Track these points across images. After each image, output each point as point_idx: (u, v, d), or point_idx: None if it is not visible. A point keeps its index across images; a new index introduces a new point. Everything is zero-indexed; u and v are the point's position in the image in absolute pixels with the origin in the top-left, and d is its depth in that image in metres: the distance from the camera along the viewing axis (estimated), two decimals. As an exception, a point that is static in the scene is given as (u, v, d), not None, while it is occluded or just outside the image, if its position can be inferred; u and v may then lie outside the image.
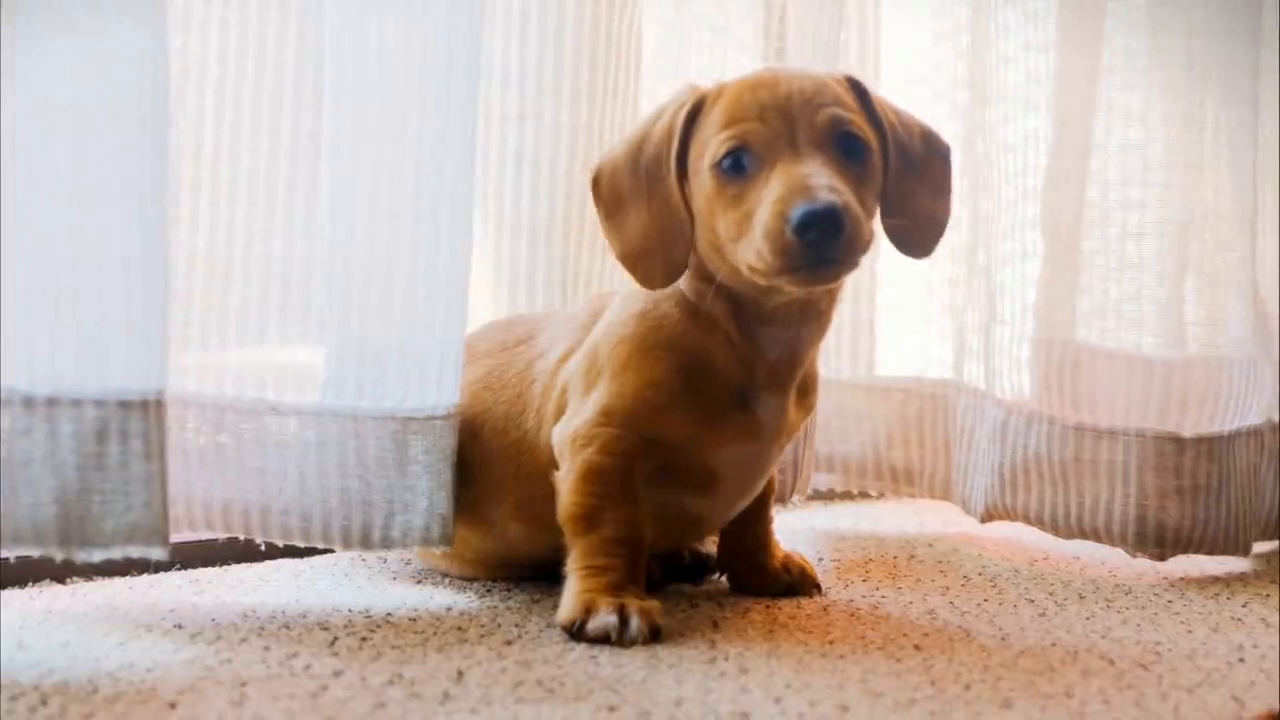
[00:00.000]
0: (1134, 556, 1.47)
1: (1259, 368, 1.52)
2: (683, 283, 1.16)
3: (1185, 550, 1.45)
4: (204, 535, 1.27)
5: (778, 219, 1.03)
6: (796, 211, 1.02)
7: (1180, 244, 1.50)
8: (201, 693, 0.94)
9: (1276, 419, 1.55)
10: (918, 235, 1.17)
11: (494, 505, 1.24)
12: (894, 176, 1.15)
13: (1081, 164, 1.50)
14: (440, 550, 1.24)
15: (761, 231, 1.05)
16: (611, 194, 1.16)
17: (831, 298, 1.17)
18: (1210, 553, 1.46)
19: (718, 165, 1.09)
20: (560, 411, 1.19)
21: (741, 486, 1.21)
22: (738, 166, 1.08)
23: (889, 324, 1.72)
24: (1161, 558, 1.46)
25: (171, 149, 1.19)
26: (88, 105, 1.02)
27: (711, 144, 1.10)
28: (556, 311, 1.35)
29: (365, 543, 1.20)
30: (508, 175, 1.44)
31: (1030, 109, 1.52)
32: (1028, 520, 1.50)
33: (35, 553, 1.02)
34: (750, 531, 1.29)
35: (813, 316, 1.16)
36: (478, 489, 1.23)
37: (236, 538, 1.27)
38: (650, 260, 1.14)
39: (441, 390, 1.21)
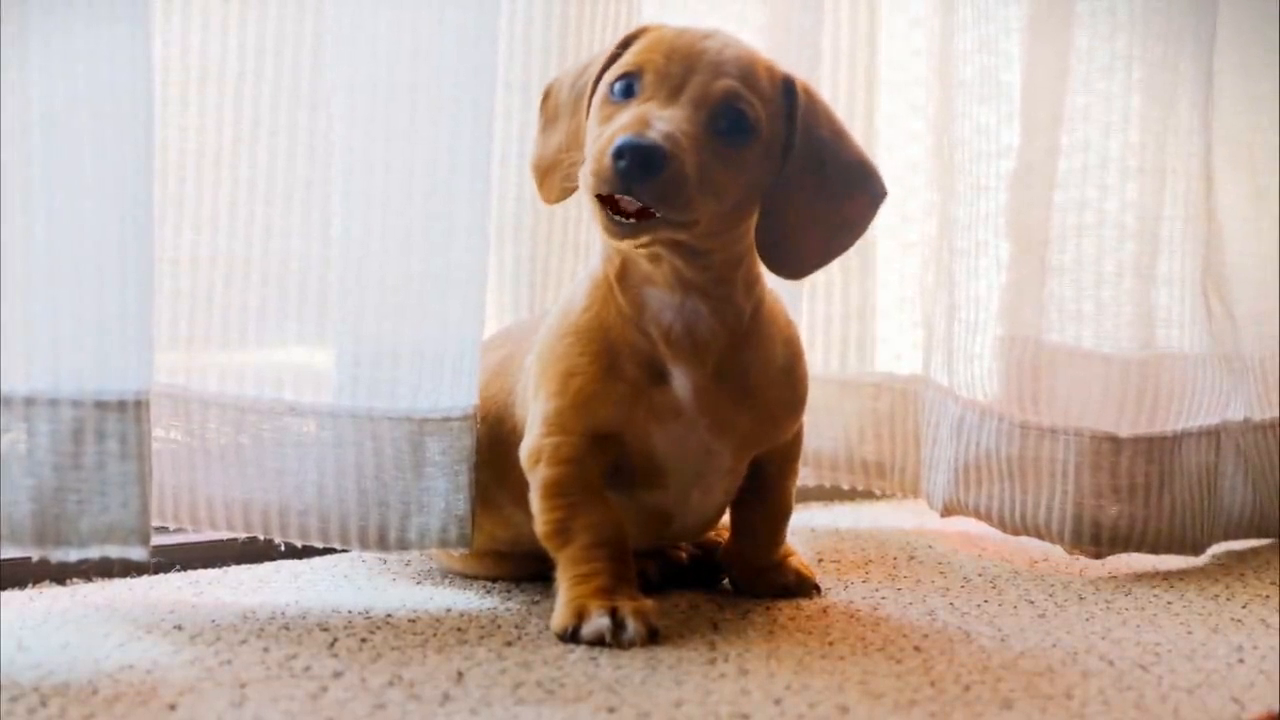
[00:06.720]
0: (1071, 554, 1.49)
1: (1212, 368, 1.52)
2: (598, 255, 1.17)
3: (1125, 549, 1.46)
4: (222, 535, 1.28)
5: (606, 142, 1.05)
6: (619, 139, 1.04)
7: (1143, 244, 1.50)
8: (201, 694, 0.94)
9: (1256, 418, 1.57)
10: (783, 253, 1.15)
11: (499, 489, 1.24)
12: (787, 182, 1.13)
13: (1050, 163, 1.51)
14: (459, 552, 1.24)
15: (592, 151, 1.07)
16: (551, 108, 1.20)
17: (713, 273, 1.14)
18: (1153, 551, 1.47)
19: (610, 85, 1.11)
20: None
21: (689, 476, 1.18)
22: (627, 91, 1.10)
23: (866, 322, 1.72)
24: (1098, 555, 1.47)
25: (175, 149, 1.21)
26: (65, 103, 1.02)
27: (615, 66, 1.12)
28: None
29: (382, 544, 1.21)
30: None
31: (1000, 114, 1.52)
32: (978, 515, 1.52)
33: (12, 552, 1.03)
34: (752, 538, 1.28)
35: (696, 289, 1.14)
36: (486, 473, 1.23)
37: (236, 538, 1.28)
38: (552, 174, 1.18)
39: (457, 390, 1.21)
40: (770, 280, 1.20)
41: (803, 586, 1.28)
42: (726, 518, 1.30)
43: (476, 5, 1.19)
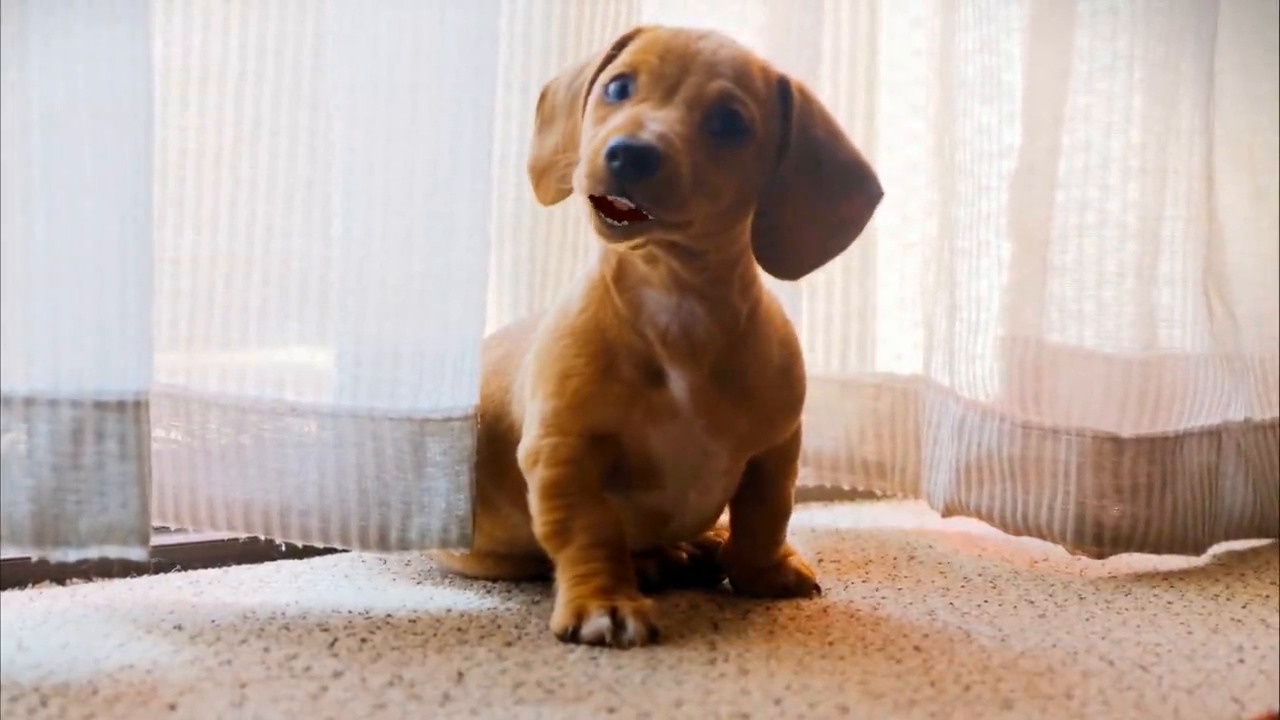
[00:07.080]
0: (1073, 554, 1.49)
1: (1213, 368, 1.53)
2: (595, 255, 1.17)
3: (1126, 549, 1.47)
4: (223, 535, 1.28)
5: (600, 143, 1.05)
6: (613, 140, 1.04)
7: (1144, 244, 1.50)
8: (201, 694, 0.94)
9: (1257, 418, 1.57)
10: (780, 253, 1.15)
11: (496, 488, 1.24)
12: (783, 183, 1.13)
13: (1051, 163, 1.51)
14: (459, 553, 1.24)
15: (586, 152, 1.07)
16: (547, 109, 1.20)
17: (709, 274, 1.14)
18: (1155, 551, 1.48)
19: (605, 86, 1.11)
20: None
21: (686, 477, 1.18)
22: (621, 92, 1.10)
23: (866, 322, 1.72)
24: (1100, 556, 1.47)
25: (175, 149, 1.21)
26: (65, 103, 1.02)
27: (611, 67, 1.12)
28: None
29: (383, 544, 1.21)
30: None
31: (1002, 114, 1.52)
32: (979, 516, 1.52)
33: (11, 552, 1.03)
34: (751, 539, 1.28)
35: (693, 290, 1.14)
36: (483, 472, 1.23)
37: (236, 538, 1.28)
38: (548, 175, 1.18)
39: (458, 391, 1.21)
40: (768, 281, 1.20)
41: (803, 586, 1.28)
42: (726, 517, 1.30)
43: (477, 5, 1.19)
